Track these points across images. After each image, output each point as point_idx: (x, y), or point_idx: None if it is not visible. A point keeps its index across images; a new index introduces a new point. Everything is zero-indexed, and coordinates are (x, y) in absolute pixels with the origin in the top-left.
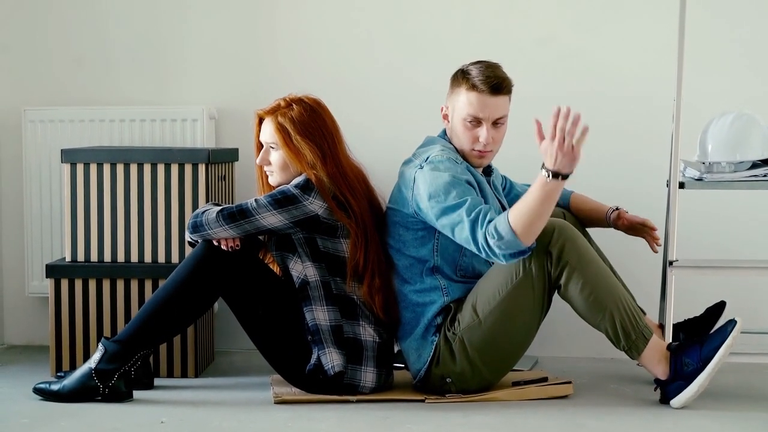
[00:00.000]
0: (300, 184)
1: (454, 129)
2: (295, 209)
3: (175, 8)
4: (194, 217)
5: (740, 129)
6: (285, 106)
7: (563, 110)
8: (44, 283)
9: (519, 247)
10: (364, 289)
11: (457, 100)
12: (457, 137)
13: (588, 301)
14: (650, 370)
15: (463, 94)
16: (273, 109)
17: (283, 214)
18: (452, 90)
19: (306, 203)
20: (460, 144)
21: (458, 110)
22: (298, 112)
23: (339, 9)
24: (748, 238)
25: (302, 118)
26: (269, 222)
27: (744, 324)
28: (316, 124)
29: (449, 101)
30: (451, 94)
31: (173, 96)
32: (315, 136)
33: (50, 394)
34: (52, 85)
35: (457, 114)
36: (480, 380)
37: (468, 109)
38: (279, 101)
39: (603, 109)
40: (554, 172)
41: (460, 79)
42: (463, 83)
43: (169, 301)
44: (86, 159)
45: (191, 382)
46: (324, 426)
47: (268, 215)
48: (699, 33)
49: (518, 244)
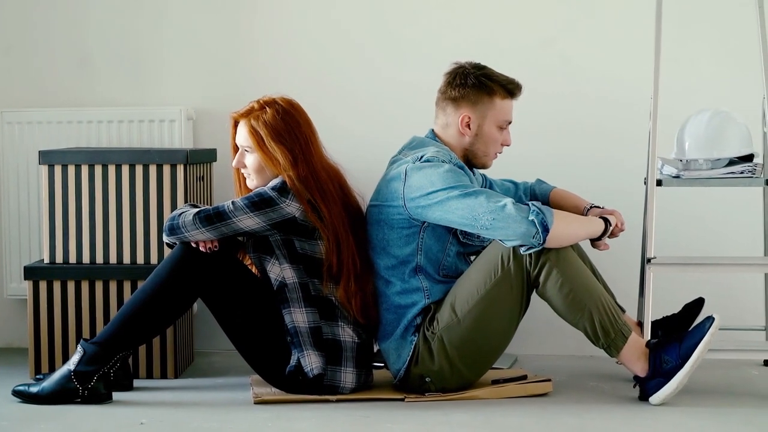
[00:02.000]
0: (277, 186)
1: (481, 136)
2: (272, 212)
3: (152, 9)
4: (171, 219)
5: (717, 126)
6: (258, 109)
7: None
8: (22, 285)
9: (550, 217)
10: (341, 292)
11: (491, 108)
12: (483, 143)
13: (567, 300)
14: (629, 367)
15: (498, 101)
16: (247, 111)
17: (260, 216)
18: (478, 98)
19: (283, 206)
20: (485, 149)
21: (492, 118)
22: (271, 115)
23: (319, 8)
24: (725, 235)
25: (275, 121)
26: (246, 224)
27: (722, 321)
28: (289, 126)
29: (473, 110)
30: (478, 104)
31: (151, 97)
32: (286, 140)
33: (29, 397)
34: (29, 86)
35: (490, 121)
36: (459, 379)
37: (506, 116)
38: (253, 104)
39: (580, 108)
40: (605, 218)
41: (490, 87)
42: (496, 91)
43: (147, 303)
44: (64, 160)
45: (171, 383)
46: (304, 426)
47: (245, 218)
48: (675, 32)
49: (552, 214)
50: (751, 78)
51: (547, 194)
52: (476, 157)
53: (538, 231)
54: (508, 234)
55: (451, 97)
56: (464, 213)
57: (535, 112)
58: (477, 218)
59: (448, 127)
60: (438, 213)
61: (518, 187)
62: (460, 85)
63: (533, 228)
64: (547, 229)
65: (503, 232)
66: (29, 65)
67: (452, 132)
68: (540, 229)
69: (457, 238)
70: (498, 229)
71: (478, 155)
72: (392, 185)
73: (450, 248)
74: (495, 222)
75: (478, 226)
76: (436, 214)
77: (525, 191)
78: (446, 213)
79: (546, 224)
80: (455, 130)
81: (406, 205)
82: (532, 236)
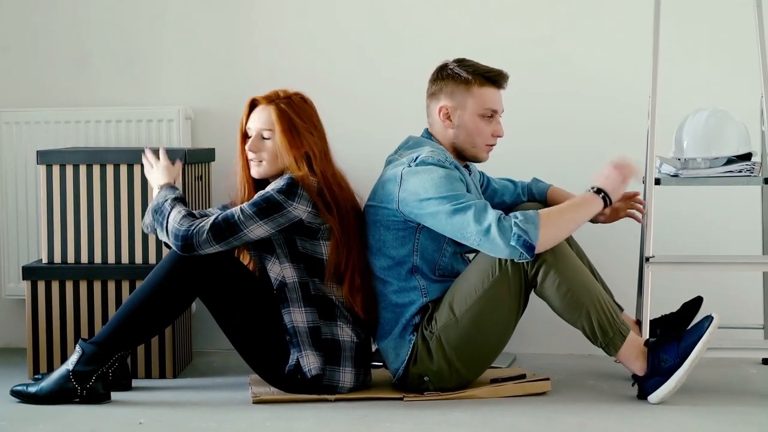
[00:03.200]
0: (283, 188)
1: (463, 127)
2: (280, 216)
3: (151, 9)
4: (184, 238)
5: (715, 125)
6: (284, 97)
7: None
8: (21, 285)
9: (533, 232)
10: (345, 288)
11: (469, 97)
12: (467, 134)
13: (565, 299)
14: (628, 366)
15: (475, 90)
16: (271, 96)
17: (269, 224)
18: (454, 88)
19: (291, 209)
20: (471, 141)
21: (471, 107)
22: (298, 103)
23: (318, 8)
24: (723, 233)
25: (304, 108)
26: (256, 234)
27: (720, 319)
28: (312, 119)
29: (451, 100)
30: (454, 93)
31: (149, 96)
32: (312, 129)
33: (28, 397)
34: (27, 86)
35: (470, 111)
36: (458, 378)
37: (486, 104)
38: (277, 91)
39: (579, 107)
40: (599, 188)
41: (465, 76)
42: (473, 80)
43: (146, 303)
44: (62, 160)
45: (169, 382)
46: (303, 425)
47: (255, 227)
48: (673, 30)
49: (536, 226)
50: (750, 77)
51: (544, 192)
52: (465, 150)
53: (522, 252)
54: (496, 253)
55: (431, 93)
56: (453, 229)
57: (533, 111)
58: (465, 236)
59: (433, 125)
60: (429, 221)
61: (516, 186)
62: (436, 79)
63: (516, 251)
64: (532, 248)
65: (491, 251)
66: (27, 65)
67: (438, 128)
68: (524, 251)
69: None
70: (486, 248)
71: (466, 148)
72: (388, 187)
73: (446, 248)
74: (482, 243)
75: (468, 241)
76: (428, 222)
77: (523, 190)
78: (436, 224)
79: (530, 244)
80: (439, 126)
81: (400, 209)
82: (518, 257)
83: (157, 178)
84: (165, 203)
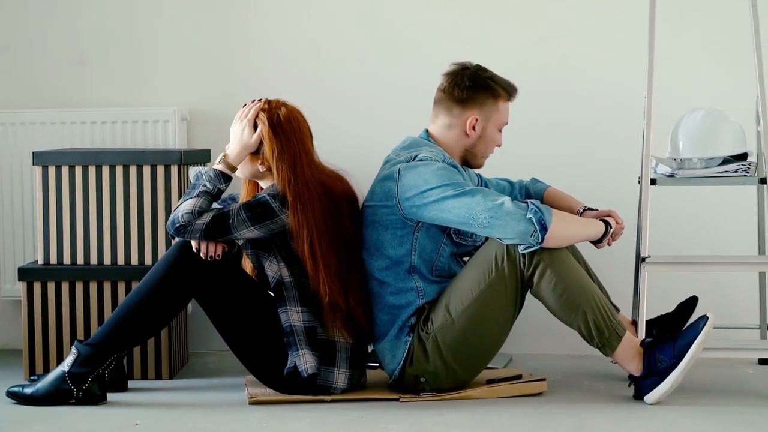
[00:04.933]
0: (279, 195)
1: (484, 138)
2: (271, 223)
3: (146, 9)
4: (178, 229)
5: (711, 125)
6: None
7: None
8: (17, 286)
9: (548, 215)
10: (309, 268)
11: (495, 111)
12: (485, 145)
13: (561, 300)
14: (624, 366)
15: (501, 104)
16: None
17: (259, 229)
18: (485, 101)
19: (283, 216)
20: (484, 151)
21: (495, 120)
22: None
23: (314, 9)
24: (719, 233)
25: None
26: (244, 236)
27: (716, 320)
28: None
29: (481, 112)
30: (485, 106)
31: (145, 97)
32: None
33: (23, 398)
34: (22, 87)
35: (492, 124)
36: (454, 379)
37: (506, 119)
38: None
39: (575, 108)
40: (607, 223)
41: (495, 90)
42: (500, 94)
43: (142, 305)
44: (58, 161)
45: (165, 383)
46: (299, 426)
47: (245, 231)
48: (669, 31)
49: (550, 213)
50: (745, 77)
51: (542, 193)
52: (475, 157)
53: (536, 229)
54: (506, 232)
55: (458, 98)
56: (461, 212)
57: (529, 111)
58: (474, 216)
59: (451, 127)
60: (433, 212)
61: (514, 186)
62: (469, 87)
63: (531, 226)
64: (546, 228)
65: (501, 230)
66: (23, 66)
67: (455, 132)
68: (538, 228)
69: (450, 238)
70: (496, 228)
71: (477, 156)
72: (386, 185)
73: (444, 248)
74: (493, 220)
75: (475, 225)
76: (432, 213)
77: (520, 190)
78: (442, 212)
79: (544, 223)
80: (459, 131)
81: (400, 205)
82: (530, 234)
83: (231, 148)
84: (197, 187)
